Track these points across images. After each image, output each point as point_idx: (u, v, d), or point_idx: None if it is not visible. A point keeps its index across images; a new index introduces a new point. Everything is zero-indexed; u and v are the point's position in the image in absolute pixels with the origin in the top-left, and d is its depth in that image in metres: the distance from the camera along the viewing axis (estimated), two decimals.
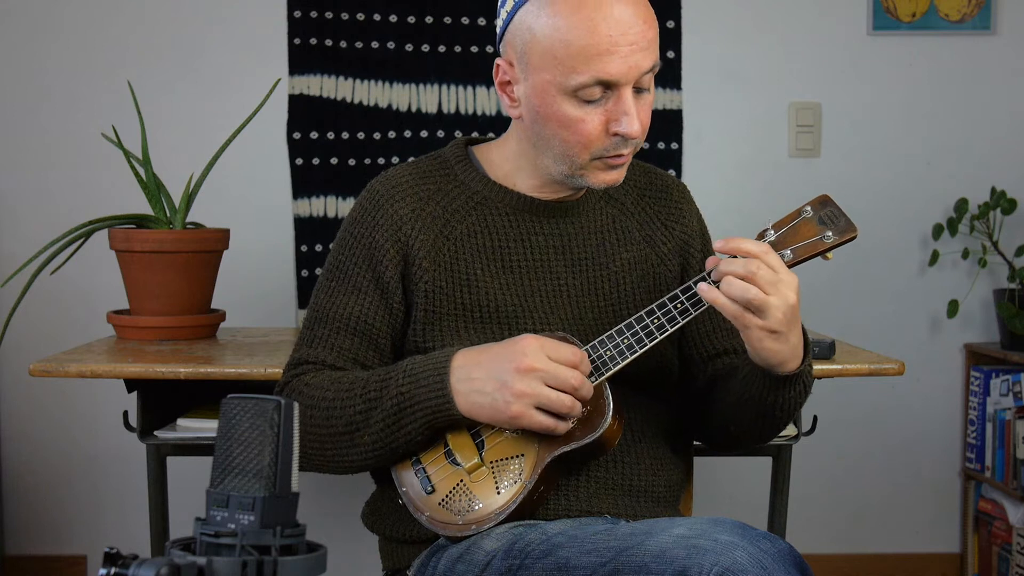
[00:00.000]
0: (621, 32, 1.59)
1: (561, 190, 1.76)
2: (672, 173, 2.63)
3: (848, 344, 2.41)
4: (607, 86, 1.61)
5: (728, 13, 3.22)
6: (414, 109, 3.15)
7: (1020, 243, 3.21)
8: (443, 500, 1.64)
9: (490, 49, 3.15)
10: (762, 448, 2.22)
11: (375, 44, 3.14)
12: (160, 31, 3.13)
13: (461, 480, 1.64)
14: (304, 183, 3.15)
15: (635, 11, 1.60)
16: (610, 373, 1.63)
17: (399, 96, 3.15)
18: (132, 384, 2.20)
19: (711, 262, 1.60)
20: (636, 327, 1.64)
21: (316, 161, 3.14)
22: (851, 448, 3.30)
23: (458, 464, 1.64)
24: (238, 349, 2.37)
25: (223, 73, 3.14)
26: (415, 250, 1.71)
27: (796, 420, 2.17)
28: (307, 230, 3.15)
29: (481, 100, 3.16)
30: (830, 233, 1.62)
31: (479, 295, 1.71)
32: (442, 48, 3.15)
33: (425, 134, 3.15)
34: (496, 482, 1.63)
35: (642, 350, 1.64)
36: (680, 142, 3.21)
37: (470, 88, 3.15)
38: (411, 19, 3.15)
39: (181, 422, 2.24)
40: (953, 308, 3.21)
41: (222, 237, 2.55)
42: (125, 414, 2.23)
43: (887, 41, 3.23)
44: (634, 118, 1.62)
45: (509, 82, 1.69)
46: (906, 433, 3.32)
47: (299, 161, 3.15)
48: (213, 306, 2.59)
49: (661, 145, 3.19)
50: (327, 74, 3.14)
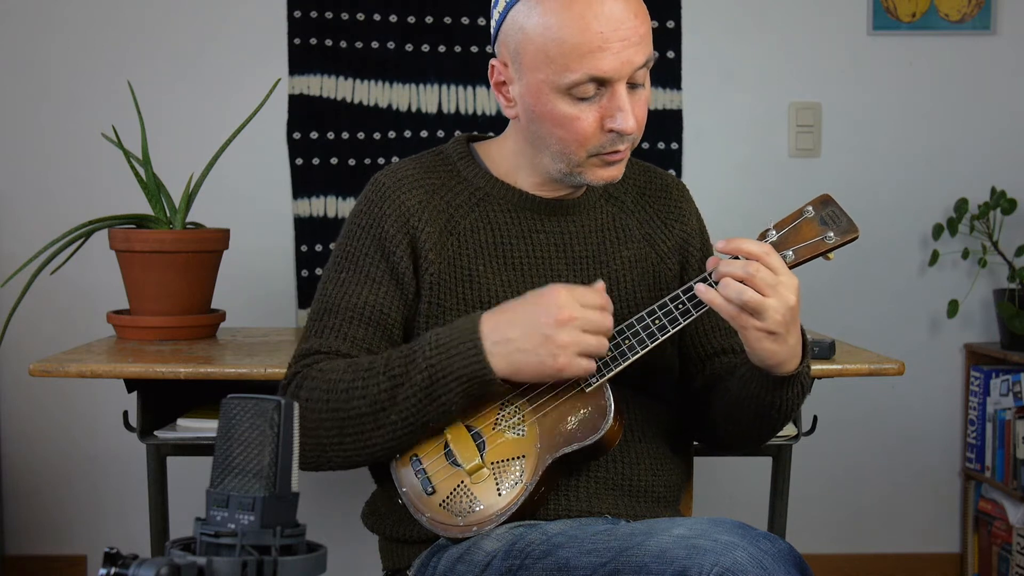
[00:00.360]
0: (613, 28, 1.59)
1: (561, 188, 1.76)
2: (672, 173, 2.63)
3: (848, 344, 2.41)
4: (600, 83, 1.62)
5: (728, 13, 3.22)
6: (414, 109, 3.15)
7: (1020, 243, 3.21)
8: (444, 501, 1.64)
9: (490, 49, 3.15)
10: (762, 448, 2.22)
11: (375, 44, 3.14)
12: (160, 31, 3.13)
13: (462, 481, 1.64)
14: (304, 183, 3.15)
15: (626, 6, 1.61)
16: (611, 374, 1.63)
17: (399, 96, 3.15)
18: (132, 384, 2.20)
19: (711, 263, 1.60)
20: (637, 327, 1.64)
21: (316, 161, 3.14)
22: (851, 448, 3.30)
23: (459, 465, 1.64)
24: (238, 349, 2.37)
25: (223, 73, 3.14)
26: (422, 242, 1.71)
27: (796, 420, 2.17)
28: (307, 230, 3.15)
29: (481, 100, 3.16)
30: (832, 234, 1.62)
31: (481, 291, 1.71)
32: (442, 48, 3.15)
33: (425, 134, 3.15)
34: (497, 483, 1.63)
35: (643, 351, 1.64)
36: (680, 142, 3.21)
37: (470, 88, 3.15)
38: (411, 19, 3.15)
39: (181, 422, 2.24)
40: (953, 308, 3.21)
41: (222, 237, 2.55)
42: (125, 414, 2.23)
43: (887, 41, 3.23)
44: (628, 114, 1.62)
45: (504, 82, 1.69)
46: (906, 433, 3.32)
47: (299, 161, 3.15)
48: (213, 306, 2.59)
49: (661, 145, 3.19)
50: (327, 74, 3.14)
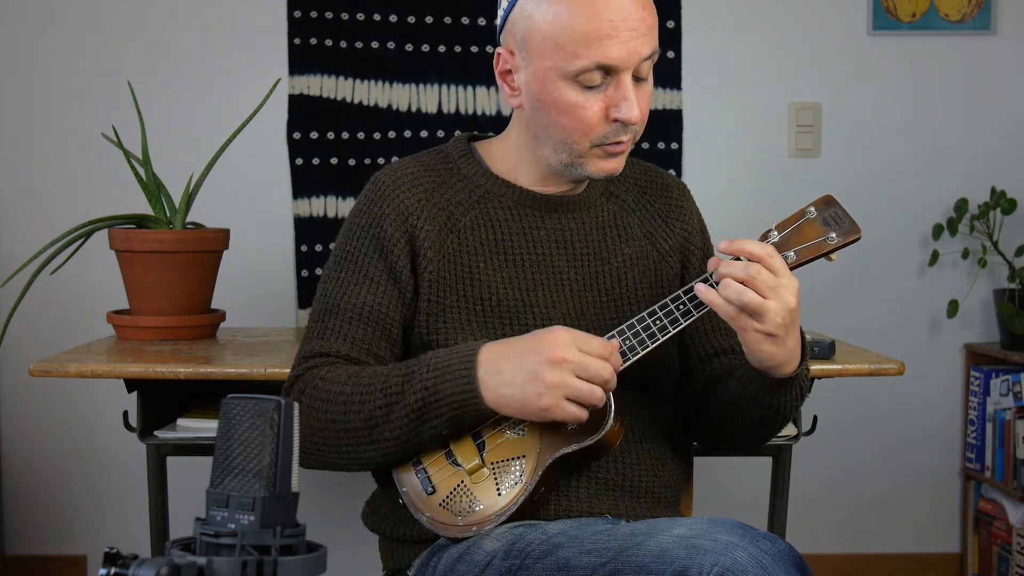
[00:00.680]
0: (622, 18, 1.60)
1: (562, 183, 1.76)
2: (672, 173, 2.63)
3: (848, 344, 2.41)
4: (607, 71, 1.62)
5: (728, 13, 3.22)
6: (414, 109, 3.15)
7: (1020, 243, 3.21)
8: (444, 501, 1.64)
9: (490, 49, 3.15)
10: (762, 448, 2.22)
11: (375, 44, 3.14)
12: (160, 31, 3.13)
13: (462, 481, 1.64)
14: (304, 183, 3.15)
15: None
16: None
17: (399, 96, 3.15)
18: (132, 384, 2.20)
19: (712, 263, 1.59)
20: (638, 327, 1.64)
21: (316, 161, 3.14)
22: (851, 448, 3.30)
23: (459, 465, 1.64)
24: (238, 349, 2.37)
25: (223, 73, 3.14)
26: (421, 240, 1.71)
27: (796, 420, 2.17)
28: (307, 230, 3.15)
29: (481, 100, 3.16)
30: (834, 235, 1.61)
31: (481, 288, 1.71)
32: (442, 48, 3.15)
33: (425, 134, 3.15)
34: (497, 483, 1.63)
35: (644, 352, 1.64)
36: (680, 142, 3.21)
37: (470, 88, 3.15)
38: (411, 19, 3.15)
39: (181, 422, 2.24)
40: (953, 308, 3.21)
41: (222, 237, 2.55)
42: (125, 414, 2.23)
43: (887, 41, 3.23)
44: (633, 103, 1.63)
45: (510, 71, 1.70)
46: (906, 433, 3.32)
47: (299, 161, 3.15)
48: (213, 306, 2.59)
49: (661, 145, 3.19)
50: (327, 74, 3.14)
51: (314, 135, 3.14)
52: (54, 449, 3.19)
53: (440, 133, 3.16)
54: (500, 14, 1.70)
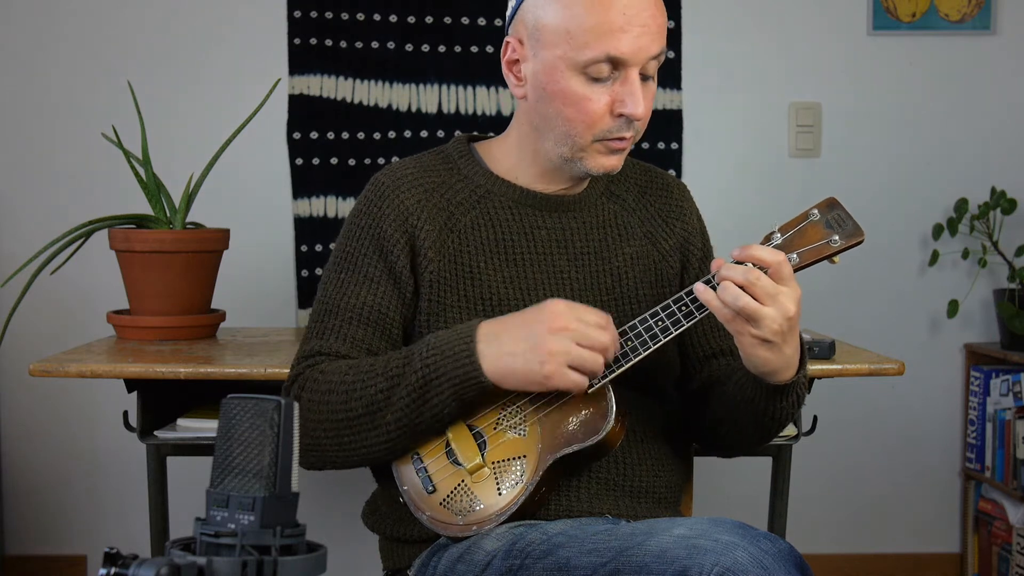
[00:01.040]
0: (635, 12, 1.62)
1: (562, 181, 1.76)
2: (672, 173, 2.63)
3: (848, 344, 2.41)
4: (615, 65, 1.63)
5: (728, 13, 3.22)
6: (414, 109, 3.15)
7: (1020, 243, 3.21)
8: (444, 500, 1.64)
9: (490, 49, 3.15)
10: (762, 448, 2.22)
11: (375, 44, 3.14)
12: (160, 31, 3.13)
13: (463, 480, 1.64)
14: (304, 183, 3.15)
15: None
16: (612, 376, 1.63)
17: (399, 96, 3.15)
18: (132, 384, 2.20)
19: (715, 264, 1.59)
20: (639, 328, 1.64)
21: (316, 161, 3.14)
22: (851, 448, 3.30)
23: (460, 464, 1.64)
24: (238, 349, 2.37)
25: (223, 73, 3.14)
26: (421, 240, 1.71)
27: (796, 420, 2.17)
28: (307, 230, 3.15)
29: (481, 100, 3.16)
30: (837, 237, 1.61)
31: (482, 288, 1.72)
32: (442, 48, 3.15)
33: (425, 134, 3.15)
34: (498, 483, 1.63)
35: (646, 352, 1.64)
36: (680, 142, 3.21)
37: (470, 88, 3.15)
38: (411, 19, 3.15)
39: (181, 422, 2.24)
40: (953, 308, 3.21)
41: (222, 237, 2.55)
42: (125, 414, 2.23)
43: (887, 41, 3.23)
44: (639, 99, 1.64)
45: (517, 61, 1.70)
46: (906, 433, 3.32)
47: (299, 161, 3.15)
48: (213, 306, 2.59)
49: (661, 145, 3.19)
50: (327, 74, 3.14)
51: (314, 135, 3.14)
52: (54, 449, 3.19)
53: (440, 133, 3.16)
54: (511, 3, 1.71)
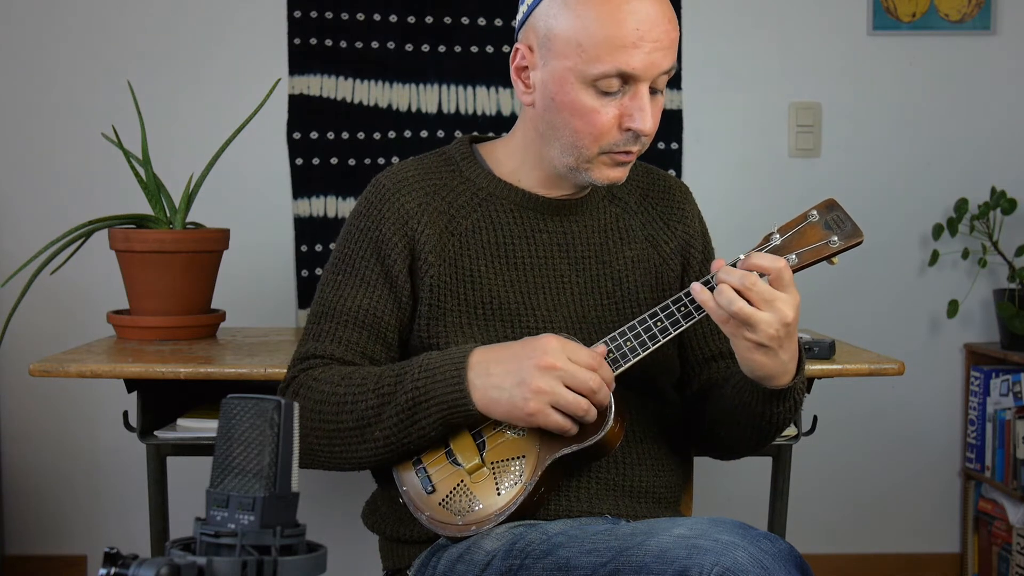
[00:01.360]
0: (648, 28, 1.60)
1: (565, 187, 1.76)
2: (672, 173, 2.63)
3: (848, 344, 2.41)
4: (625, 80, 1.62)
5: (728, 13, 3.22)
6: (414, 109, 3.15)
7: (1020, 243, 3.21)
8: (443, 500, 1.64)
9: (490, 49, 3.15)
10: (762, 449, 2.22)
11: (375, 44, 3.14)
12: (160, 31, 3.13)
13: (462, 480, 1.64)
14: (304, 183, 3.15)
15: (661, 11, 1.62)
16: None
17: (399, 96, 3.15)
18: (132, 384, 2.20)
19: (715, 265, 1.59)
20: (638, 328, 1.64)
21: (316, 161, 3.14)
22: (851, 448, 3.30)
23: (459, 464, 1.64)
24: (238, 349, 2.37)
25: (223, 73, 3.14)
26: (421, 244, 1.71)
27: (796, 420, 2.17)
28: (307, 230, 3.15)
29: (481, 100, 3.16)
30: (836, 238, 1.61)
31: (483, 291, 1.71)
32: (442, 48, 3.15)
33: (425, 134, 3.15)
34: (497, 483, 1.63)
35: (644, 353, 1.64)
36: (680, 142, 3.21)
37: (470, 88, 3.15)
38: (411, 19, 3.15)
39: (181, 422, 2.24)
40: (953, 308, 3.21)
41: (222, 237, 2.55)
42: (125, 414, 2.23)
43: (887, 41, 3.23)
44: (648, 115, 1.63)
45: (526, 67, 1.69)
46: (906, 433, 3.32)
47: (299, 161, 3.15)
48: (213, 306, 2.59)
49: (661, 145, 3.19)
50: (327, 74, 3.14)
51: (314, 135, 3.14)
52: (54, 449, 3.19)
53: (440, 133, 3.16)
54: (523, 9, 1.70)
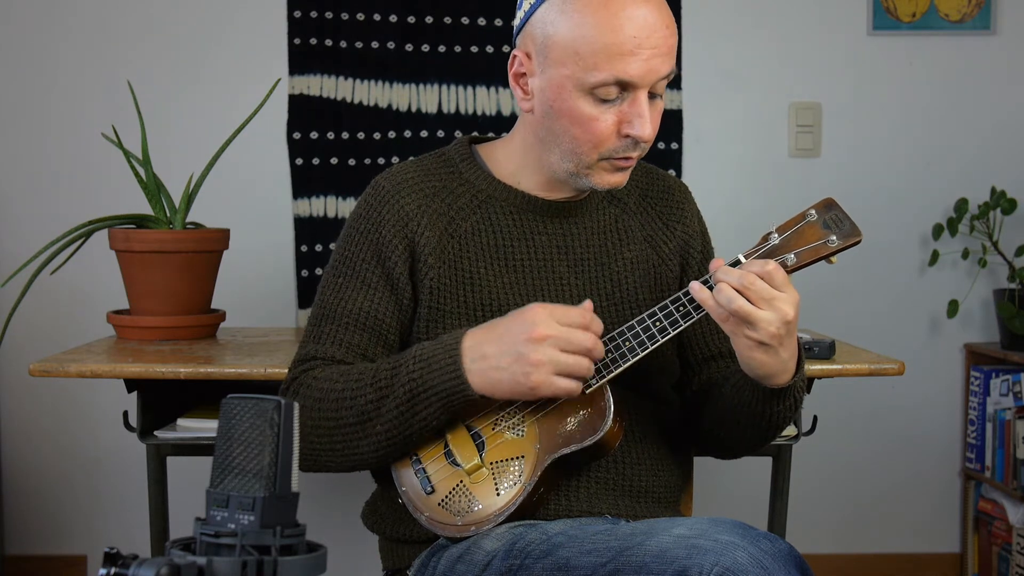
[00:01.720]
0: (646, 35, 1.60)
1: (565, 190, 1.76)
2: (672, 173, 2.63)
3: (848, 344, 2.41)
4: (624, 87, 1.62)
5: (728, 13, 3.22)
6: (414, 109, 3.15)
7: (1020, 243, 3.21)
8: (443, 500, 1.64)
9: (490, 49, 3.15)
10: (762, 448, 2.22)
11: (375, 44, 3.14)
12: (160, 31, 3.13)
13: (461, 481, 1.64)
14: (304, 183, 3.15)
15: (659, 16, 1.61)
16: (610, 376, 1.63)
17: (399, 96, 3.15)
18: (132, 384, 2.20)
19: (714, 265, 1.59)
20: (637, 329, 1.64)
21: (316, 161, 3.14)
22: (851, 448, 3.30)
23: (458, 464, 1.64)
24: (238, 349, 2.37)
25: (223, 73, 3.14)
26: (421, 246, 1.71)
27: (796, 420, 2.17)
28: (307, 230, 3.15)
29: (481, 100, 3.16)
30: (834, 237, 1.61)
31: (482, 293, 1.71)
32: (442, 48, 3.15)
33: (425, 134, 3.15)
34: (496, 483, 1.63)
35: (643, 352, 1.64)
36: (680, 142, 3.21)
37: (470, 88, 3.15)
38: (411, 19, 3.15)
39: (181, 422, 2.24)
40: (953, 308, 3.21)
41: (222, 237, 2.55)
42: (125, 414, 2.23)
43: (887, 41, 3.23)
44: (647, 121, 1.63)
45: (524, 74, 1.69)
46: (906, 433, 3.32)
47: (299, 161, 3.15)
48: (213, 306, 2.59)
49: (661, 145, 3.19)
50: (327, 74, 3.14)
51: (314, 135, 3.14)
52: (54, 449, 3.19)
53: (440, 133, 3.16)
54: (520, 16, 1.69)
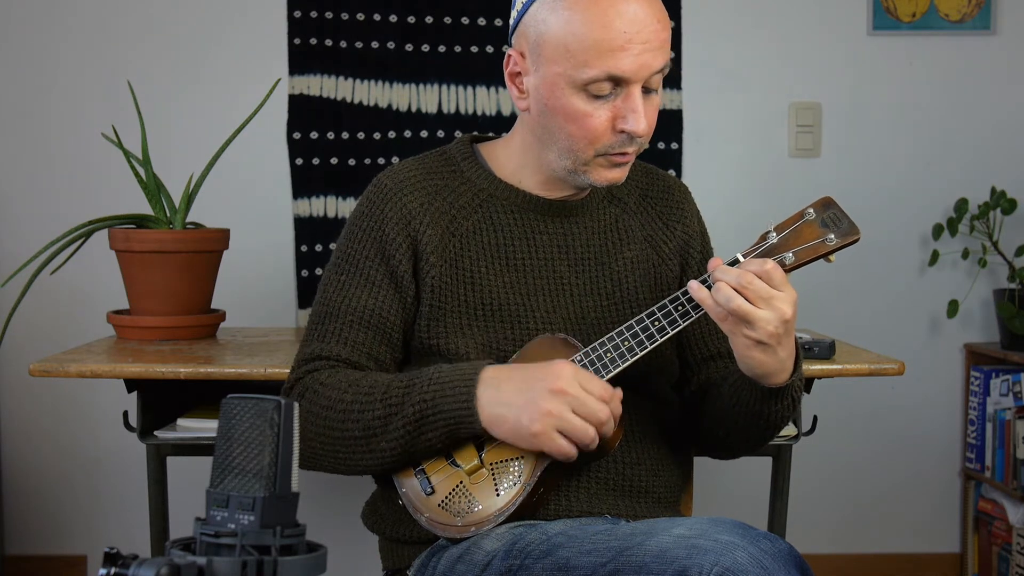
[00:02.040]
0: (636, 30, 1.60)
1: (565, 188, 1.76)
2: (672, 173, 2.63)
3: (848, 344, 2.41)
4: (617, 82, 1.62)
5: (728, 13, 3.22)
6: (414, 109, 3.15)
7: (1020, 243, 3.21)
8: (443, 501, 1.64)
9: (490, 49, 3.15)
10: (762, 448, 2.22)
11: (375, 44, 3.14)
12: (160, 31, 3.13)
13: (460, 482, 1.64)
14: (304, 183, 3.15)
15: (650, 10, 1.61)
16: (610, 376, 1.63)
17: (399, 96, 3.15)
18: (132, 384, 2.20)
19: (712, 264, 1.59)
20: (636, 328, 1.64)
21: (316, 161, 3.14)
22: (851, 448, 3.30)
23: (458, 465, 1.64)
24: (238, 349, 2.37)
25: (223, 73, 3.14)
26: (423, 244, 1.71)
27: (796, 420, 2.17)
28: (307, 230, 3.15)
29: (481, 100, 3.16)
30: (832, 236, 1.61)
31: (483, 292, 1.71)
32: (442, 48, 3.15)
33: (425, 134, 3.15)
34: (495, 484, 1.63)
35: (642, 352, 1.64)
36: (680, 142, 3.21)
37: (470, 88, 3.15)
38: (411, 19, 3.15)
39: (181, 422, 2.24)
40: (953, 308, 3.21)
41: (222, 237, 2.55)
42: (125, 414, 2.23)
43: (887, 41, 3.23)
44: (641, 116, 1.63)
45: (519, 73, 1.69)
46: (906, 433, 3.32)
47: (299, 161, 3.15)
48: (213, 306, 2.59)
49: (661, 145, 3.20)
50: (327, 74, 3.14)
51: (314, 135, 3.14)
52: (54, 449, 3.19)
53: (440, 133, 3.16)
54: (513, 15, 1.69)
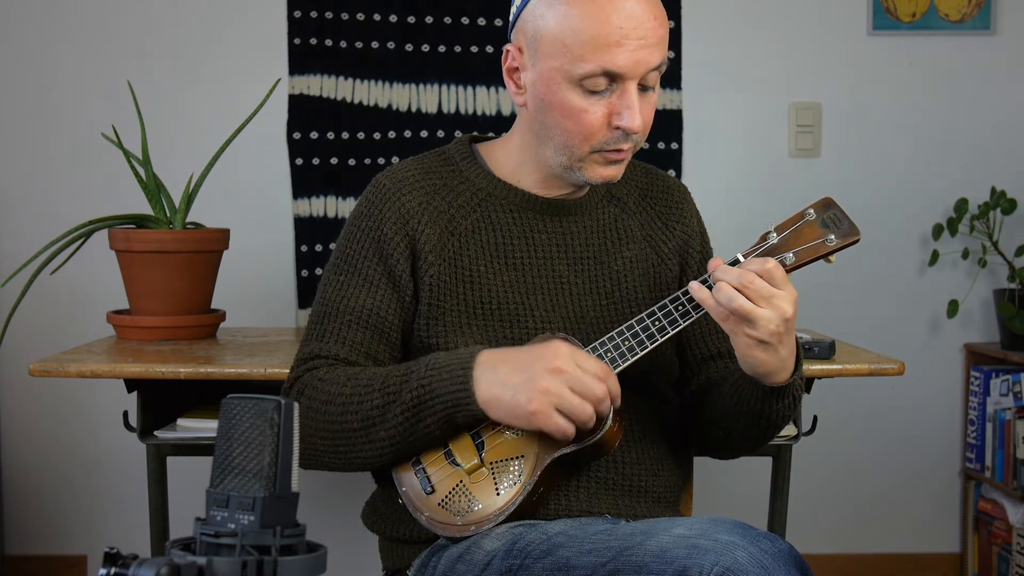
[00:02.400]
0: (633, 26, 1.60)
1: (564, 187, 1.76)
2: (672, 173, 2.63)
3: (848, 344, 2.41)
4: (613, 78, 1.62)
5: (728, 13, 3.22)
6: (414, 109, 3.15)
7: (1020, 243, 3.21)
8: (442, 500, 1.64)
9: (490, 49, 3.15)
10: (762, 448, 2.22)
11: (375, 44, 3.14)
12: (160, 31, 3.13)
13: (461, 481, 1.64)
14: (304, 183, 3.15)
15: (647, 7, 1.62)
16: None
17: (399, 96, 3.15)
18: (132, 384, 2.20)
19: (712, 264, 1.59)
20: (636, 328, 1.65)
21: (316, 161, 3.14)
22: (851, 448, 3.30)
23: (458, 465, 1.64)
24: (238, 349, 2.37)
25: (223, 73, 3.14)
26: (422, 244, 1.71)
27: (796, 420, 2.17)
28: (307, 230, 3.15)
29: (481, 100, 3.16)
30: (833, 236, 1.62)
31: (482, 291, 1.72)
32: (442, 48, 3.15)
33: (425, 134, 3.15)
34: (496, 483, 1.63)
35: (642, 352, 1.64)
36: (680, 142, 3.21)
37: (470, 88, 3.15)
38: (411, 19, 3.15)
39: (181, 422, 2.24)
40: (953, 308, 3.21)
41: (222, 237, 2.55)
42: (125, 414, 2.23)
43: (887, 41, 3.23)
44: (636, 112, 1.63)
45: (517, 68, 1.70)
46: (906, 433, 3.32)
47: (299, 161, 3.15)
48: (213, 306, 2.59)
49: (661, 145, 3.19)
50: (327, 74, 3.14)
51: (314, 135, 3.14)
52: (54, 449, 3.19)
53: (440, 133, 3.16)
54: (512, 11, 1.70)
